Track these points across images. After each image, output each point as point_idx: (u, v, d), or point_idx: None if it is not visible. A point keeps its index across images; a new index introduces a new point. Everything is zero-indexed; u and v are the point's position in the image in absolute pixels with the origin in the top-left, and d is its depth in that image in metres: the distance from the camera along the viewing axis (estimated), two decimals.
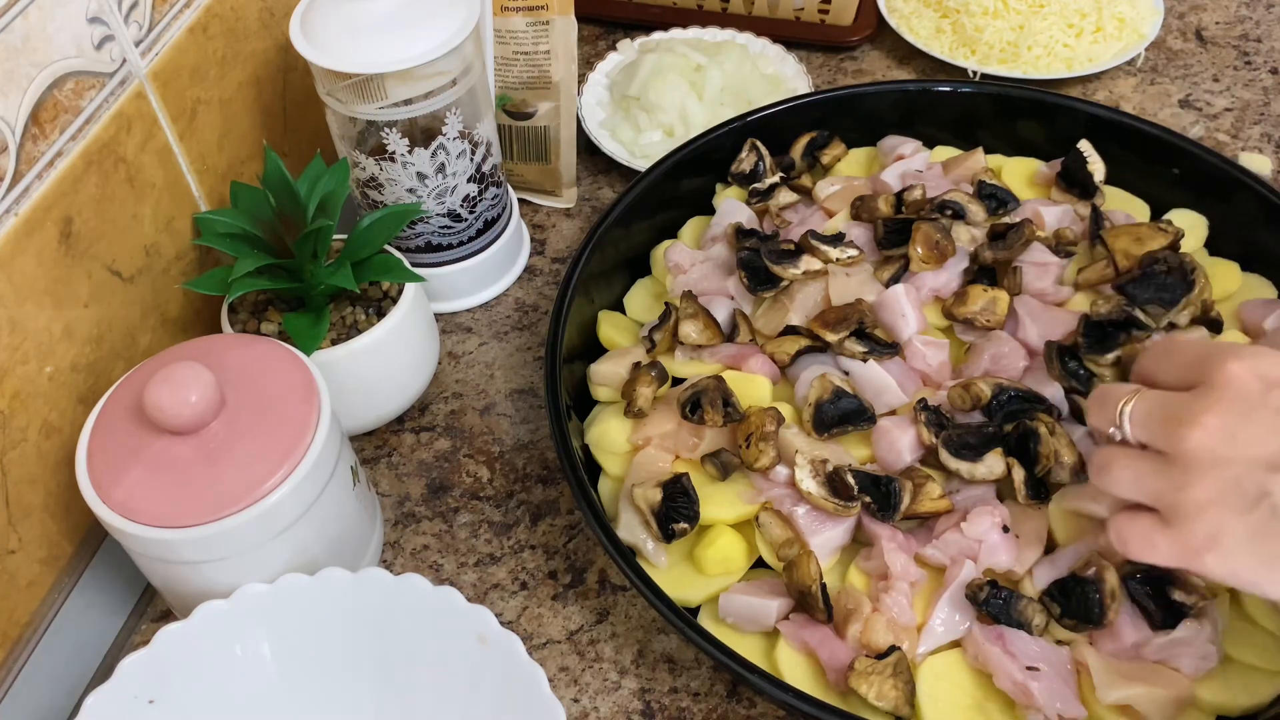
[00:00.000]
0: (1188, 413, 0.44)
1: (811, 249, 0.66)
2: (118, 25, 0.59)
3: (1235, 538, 0.43)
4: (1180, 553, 0.44)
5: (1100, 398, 0.48)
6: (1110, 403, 0.48)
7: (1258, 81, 0.90)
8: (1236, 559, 0.43)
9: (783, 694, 0.50)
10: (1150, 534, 0.45)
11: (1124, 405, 0.47)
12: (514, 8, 0.77)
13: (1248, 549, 0.43)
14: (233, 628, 0.53)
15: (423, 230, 0.73)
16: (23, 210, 0.54)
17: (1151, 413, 0.46)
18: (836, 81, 0.93)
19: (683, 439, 0.61)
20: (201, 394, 0.51)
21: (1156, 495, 0.45)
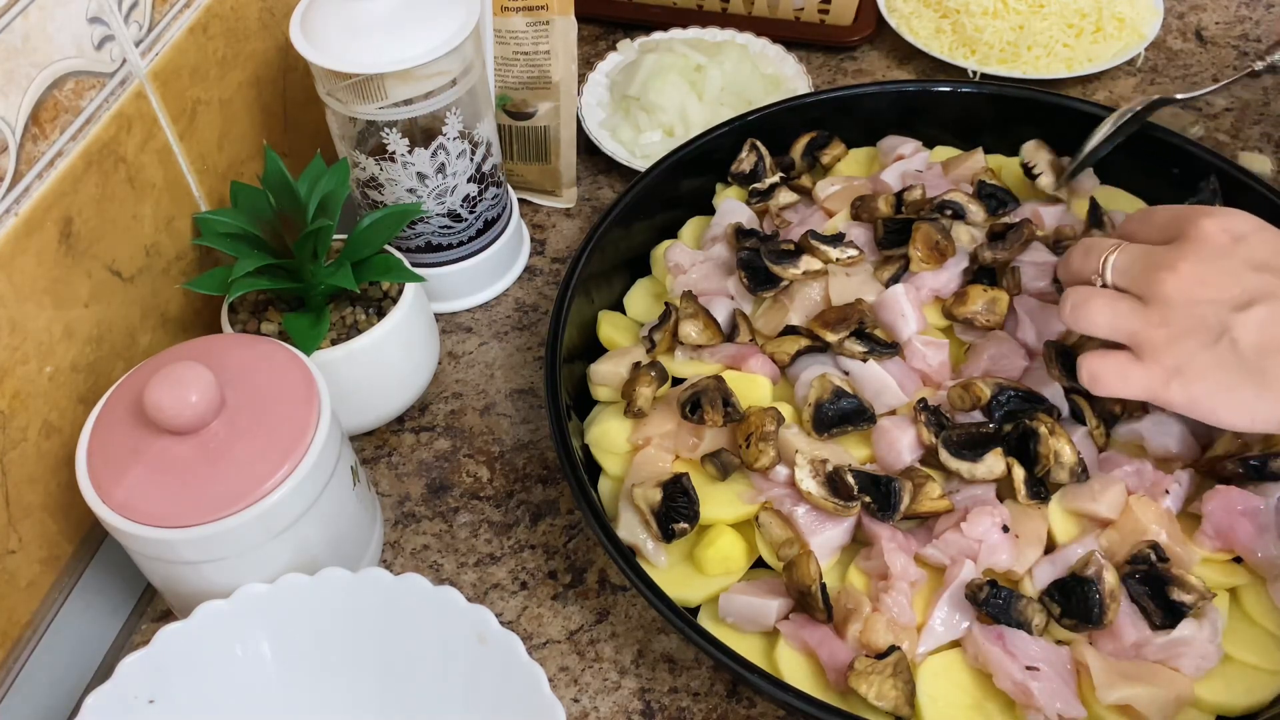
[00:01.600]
0: (1165, 260, 0.50)
1: (811, 249, 0.66)
2: (118, 25, 0.59)
3: (1198, 368, 0.48)
4: (1149, 383, 0.50)
5: (1085, 247, 0.54)
6: (1095, 252, 0.53)
7: (1258, 81, 0.90)
8: (1197, 387, 0.49)
9: (783, 694, 0.50)
10: (1123, 367, 0.51)
11: (1108, 255, 0.52)
12: (514, 8, 0.77)
13: (1208, 378, 0.48)
14: (233, 628, 0.53)
15: (423, 230, 0.73)
16: (23, 210, 0.54)
17: (1133, 261, 0.52)
18: (836, 81, 0.93)
19: (683, 439, 0.61)
20: (201, 394, 0.51)
21: (1131, 332, 0.50)
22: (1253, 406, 0.48)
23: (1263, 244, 0.50)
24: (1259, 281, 0.49)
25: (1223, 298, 0.48)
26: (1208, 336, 0.48)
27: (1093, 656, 0.52)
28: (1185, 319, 0.49)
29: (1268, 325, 0.48)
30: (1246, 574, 0.55)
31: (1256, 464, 0.55)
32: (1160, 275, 0.50)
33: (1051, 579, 0.54)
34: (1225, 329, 0.48)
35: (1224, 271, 0.49)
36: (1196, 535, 0.55)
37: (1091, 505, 0.56)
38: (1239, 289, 0.48)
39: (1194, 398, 0.49)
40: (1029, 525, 0.56)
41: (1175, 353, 0.49)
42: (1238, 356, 0.48)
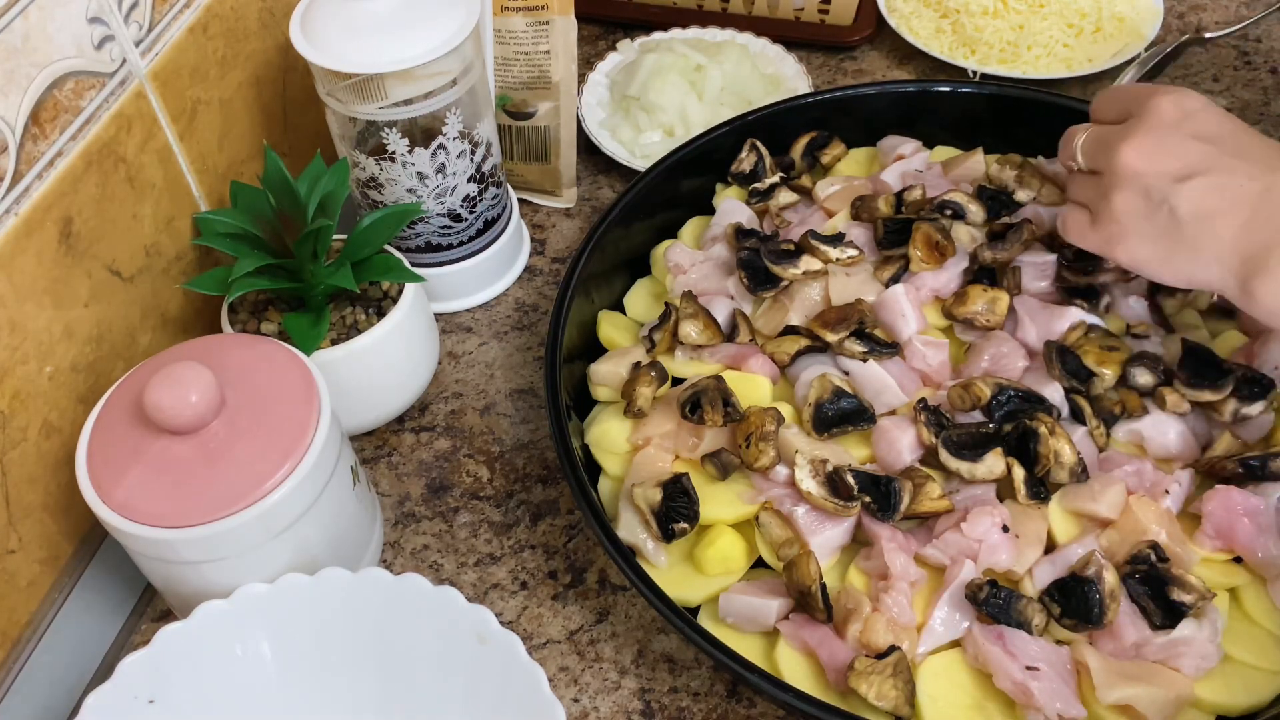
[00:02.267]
0: (1118, 137, 0.56)
1: (811, 249, 0.66)
2: (118, 25, 0.59)
3: (1140, 234, 0.54)
4: (1100, 242, 0.57)
5: (1066, 137, 0.61)
6: (1070, 139, 0.60)
7: (1258, 81, 0.90)
8: (1140, 250, 0.55)
9: (783, 694, 0.50)
10: (1082, 225, 0.58)
11: (1078, 140, 0.59)
12: (514, 8, 0.77)
13: (1150, 243, 0.54)
14: (233, 628, 0.53)
15: (423, 230, 0.73)
16: (23, 210, 0.54)
17: (1094, 142, 0.58)
18: (836, 81, 0.93)
19: (683, 439, 0.61)
20: (201, 394, 0.51)
21: (1090, 199, 0.58)
22: (1189, 270, 0.53)
23: (1208, 119, 0.55)
24: (1201, 153, 0.53)
25: (1166, 170, 0.53)
26: (1149, 205, 0.54)
27: (1093, 656, 0.52)
28: (1130, 190, 0.54)
29: (1203, 196, 0.52)
30: (1246, 574, 0.55)
31: (1256, 464, 0.55)
32: (1111, 152, 0.56)
33: (1051, 579, 0.54)
34: (1164, 198, 0.53)
35: (1170, 144, 0.54)
36: (1196, 535, 0.55)
37: (1091, 505, 0.56)
38: (1181, 162, 0.53)
39: (1137, 260, 0.55)
40: (1029, 525, 0.56)
41: (1119, 219, 0.55)
42: (1175, 223, 0.53)
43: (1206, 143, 0.54)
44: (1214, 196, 0.52)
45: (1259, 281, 0.51)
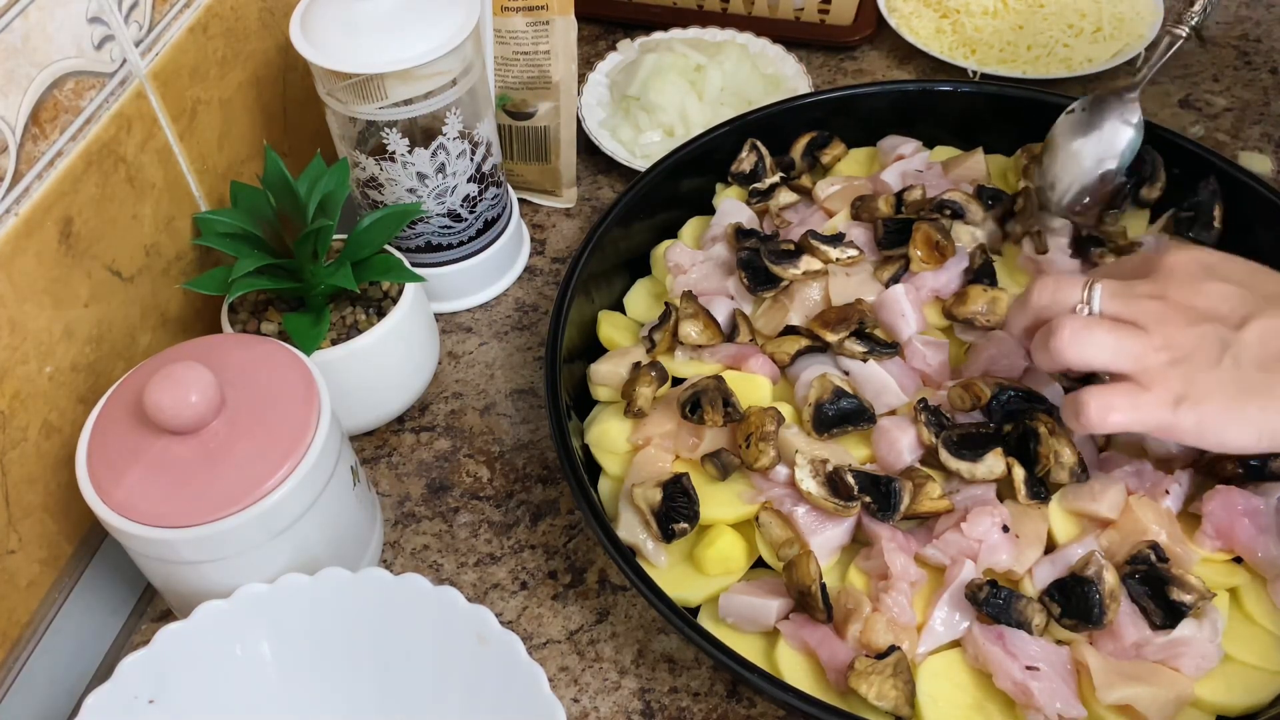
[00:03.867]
0: (1152, 289, 0.50)
1: (811, 249, 0.66)
2: (118, 25, 0.59)
3: (1204, 389, 0.48)
4: (1158, 410, 0.48)
5: (1056, 279, 0.53)
6: (1073, 282, 0.52)
7: (1258, 81, 0.90)
8: (1205, 408, 0.48)
9: (783, 694, 0.50)
10: (1133, 396, 0.49)
11: (1092, 283, 0.51)
12: (514, 8, 0.77)
13: (1215, 398, 0.48)
14: (233, 628, 0.53)
15: (423, 230, 0.73)
16: (23, 210, 0.54)
17: (1121, 289, 0.51)
18: (836, 81, 0.93)
19: (683, 439, 0.61)
20: (201, 394, 0.51)
21: (1137, 357, 0.49)
22: (1259, 421, 0.48)
23: (1232, 269, 0.51)
24: (1242, 298, 0.49)
25: (1218, 318, 0.49)
26: (1211, 357, 0.48)
27: (1093, 656, 0.52)
28: (1187, 342, 0.49)
29: (1267, 340, 0.48)
30: (1246, 574, 0.55)
31: (1256, 464, 0.55)
32: (1152, 303, 0.50)
33: (1051, 579, 0.54)
34: (1226, 347, 0.48)
35: (1211, 295, 0.50)
36: (1196, 535, 0.55)
37: (1091, 505, 0.56)
38: (1228, 308, 0.49)
39: (1202, 420, 0.48)
40: (1029, 525, 0.56)
41: (1181, 375, 0.48)
42: (1241, 373, 0.48)
43: (1242, 286, 0.50)
44: (1276, 339, 0.48)
45: None
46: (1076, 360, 0.50)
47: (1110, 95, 0.68)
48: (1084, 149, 0.67)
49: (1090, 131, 0.67)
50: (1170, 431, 0.49)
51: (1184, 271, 0.51)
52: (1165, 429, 0.49)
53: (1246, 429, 0.48)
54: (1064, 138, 0.68)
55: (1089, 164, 0.67)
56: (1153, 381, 0.49)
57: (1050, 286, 0.53)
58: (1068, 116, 0.68)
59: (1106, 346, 0.49)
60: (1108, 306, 0.51)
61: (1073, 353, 0.50)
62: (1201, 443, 0.49)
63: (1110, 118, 0.67)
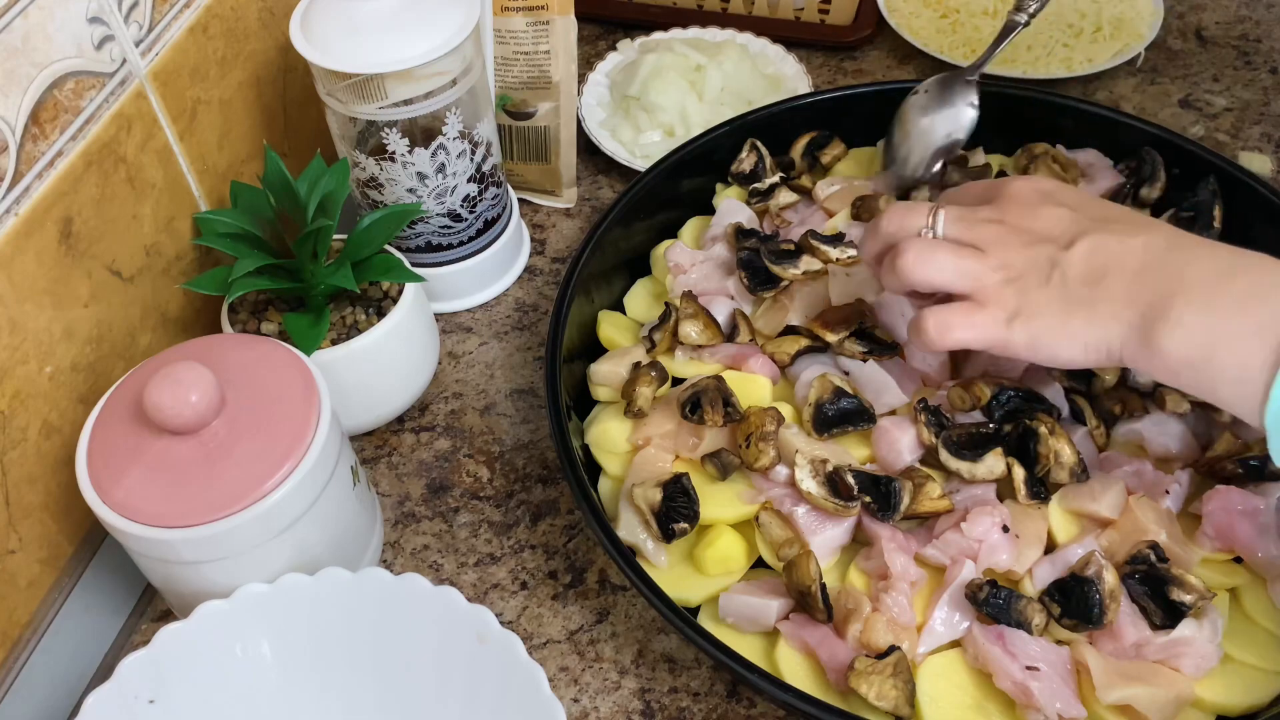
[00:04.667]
0: (991, 214, 0.54)
1: (811, 249, 0.66)
2: (118, 25, 0.59)
3: (1035, 305, 0.51)
4: (993, 326, 0.51)
5: (905, 206, 0.56)
6: (917, 211, 0.55)
7: (1258, 81, 0.90)
8: (1036, 324, 0.51)
9: (783, 694, 0.50)
10: (969, 314, 0.52)
11: (936, 209, 0.54)
12: (514, 8, 0.77)
13: (1045, 314, 0.51)
14: (233, 628, 0.53)
15: (423, 230, 0.73)
16: (23, 210, 0.54)
17: (963, 214, 0.54)
18: (836, 81, 0.93)
19: (683, 439, 0.61)
20: (202, 394, 0.51)
21: (975, 276, 0.52)
22: (1084, 334, 0.50)
23: (1068, 195, 0.54)
24: (1073, 220, 0.52)
25: (1050, 239, 0.52)
26: (1041, 276, 0.51)
27: (1093, 656, 0.52)
28: (1020, 262, 0.51)
29: (1091, 256, 0.51)
30: (1246, 574, 0.55)
31: (1256, 464, 0.55)
32: (991, 226, 0.53)
33: (1051, 579, 0.54)
34: (1055, 265, 0.51)
35: (1045, 218, 0.52)
36: (1196, 535, 0.55)
37: (1091, 505, 0.56)
38: (1060, 230, 0.52)
39: (1034, 335, 0.51)
40: (1029, 525, 0.56)
41: (1014, 293, 0.51)
42: (1068, 290, 0.50)
43: (1075, 210, 0.53)
44: (1100, 256, 0.51)
45: (1160, 330, 0.48)
46: (920, 280, 0.53)
47: (955, 78, 0.74)
48: (935, 124, 0.73)
49: (942, 109, 0.73)
50: (1005, 347, 0.52)
51: (1023, 197, 0.54)
52: (1000, 345, 0.52)
53: (1073, 343, 0.50)
54: (915, 115, 0.73)
55: (940, 136, 0.72)
56: (988, 300, 0.52)
57: (899, 214, 0.56)
58: (916, 97, 0.74)
59: (946, 267, 0.52)
60: (950, 230, 0.54)
61: (916, 273, 0.53)
62: (1034, 357, 0.51)
63: (958, 99, 0.73)
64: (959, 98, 0.73)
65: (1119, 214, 0.53)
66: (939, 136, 0.72)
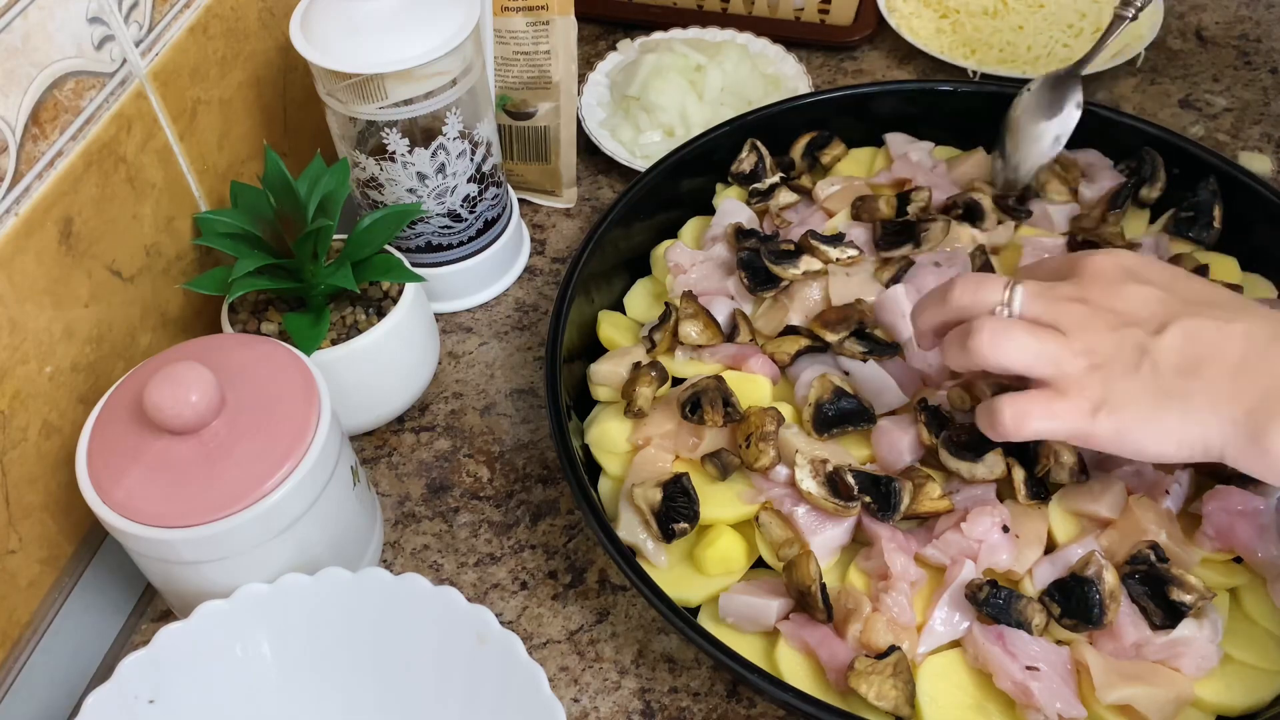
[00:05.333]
0: (1073, 292, 0.49)
1: (811, 249, 0.66)
2: (118, 25, 0.59)
3: (1123, 396, 0.47)
4: (1076, 418, 0.47)
5: (976, 279, 0.51)
6: (991, 284, 0.50)
7: (1258, 81, 0.90)
8: (1123, 415, 0.47)
9: (783, 694, 0.50)
10: (1049, 404, 0.47)
11: (1014, 284, 0.50)
12: (514, 8, 0.77)
13: (1133, 406, 0.47)
14: (233, 628, 0.53)
15: (423, 230, 0.73)
16: (23, 210, 0.54)
17: (1043, 291, 0.49)
18: (836, 81, 0.93)
19: (683, 439, 0.61)
20: (202, 394, 0.51)
21: (1056, 362, 0.47)
22: (1178, 431, 0.46)
23: (1155, 271, 0.50)
24: (1162, 301, 0.48)
25: (1137, 322, 0.47)
26: (1129, 363, 0.47)
27: (1093, 656, 0.52)
28: (1106, 347, 0.47)
29: (1186, 345, 0.47)
30: (1246, 574, 0.55)
31: None
32: (1073, 306, 0.48)
33: (1051, 579, 0.54)
34: (1145, 353, 0.47)
35: (1131, 298, 0.48)
36: (1196, 535, 0.55)
37: (1091, 505, 0.56)
38: (1148, 312, 0.48)
39: (1121, 428, 0.47)
40: (1029, 525, 0.56)
41: (1099, 382, 0.47)
42: (1159, 380, 0.47)
43: (1164, 289, 0.49)
44: (1196, 344, 0.47)
45: (1272, 431, 0.45)
46: (994, 362, 0.48)
47: (1066, 75, 0.72)
48: (1046, 130, 0.70)
49: (1053, 114, 0.70)
50: (1088, 440, 0.47)
51: (1105, 274, 0.49)
52: (1082, 437, 0.48)
53: (1165, 438, 0.47)
54: (1027, 121, 0.71)
55: (1048, 143, 0.70)
56: (1070, 388, 0.47)
57: (972, 285, 0.51)
58: (1024, 99, 0.72)
59: (1026, 349, 0.48)
60: (1028, 308, 0.49)
61: (991, 354, 0.48)
62: (1119, 451, 0.48)
63: (1067, 100, 0.70)
64: (1067, 99, 0.70)
65: (1212, 295, 0.49)
66: (1047, 143, 0.70)
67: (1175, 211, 0.70)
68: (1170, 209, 0.70)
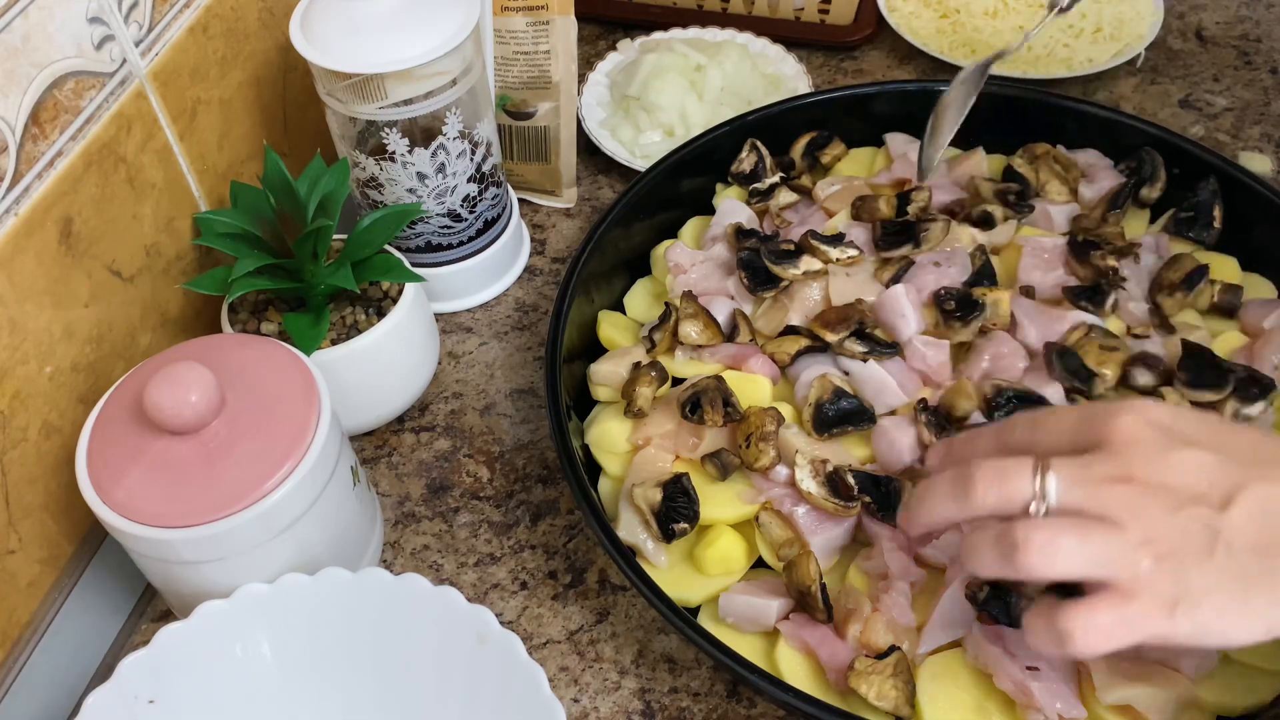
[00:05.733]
0: (1112, 471, 0.42)
1: (811, 249, 0.66)
2: (118, 25, 0.59)
3: (1200, 588, 0.41)
4: (1153, 622, 0.41)
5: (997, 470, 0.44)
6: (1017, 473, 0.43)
7: (1258, 81, 0.90)
8: (1204, 610, 0.41)
9: (783, 694, 0.50)
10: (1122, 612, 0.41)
11: (1041, 474, 0.43)
12: (514, 8, 0.77)
13: (1213, 597, 0.41)
14: (233, 628, 0.53)
15: (423, 230, 0.73)
16: (23, 210, 0.54)
17: (1079, 475, 0.42)
18: (836, 81, 0.93)
19: (683, 439, 0.61)
20: (202, 394, 0.51)
21: (1118, 562, 0.41)
22: (1267, 615, 0.41)
23: (1194, 428, 0.43)
24: (1224, 469, 0.42)
25: (1198, 498, 0.41)
26: (1201, 548, 0.41)
27: None
28: (1170, 533, 0.41)
29: (1261, 516, 0.41)
30: None
31: None
32: (1118, 489, 0.42)
33: None
34: (1216, 534, 0.41)
35: (1184, 468, 0.42)
36: None
37: None
38: (1207, 483, 0.42)
39: (1203, 624, 0.41)
40: None
41: (1169, 576, 0.41)
42: (1237, 561, 0.41)
43: (1217, 451, 0.42)
44: (1270, 515, 0.41)
45: None
46: (1046, 576, 0.42)
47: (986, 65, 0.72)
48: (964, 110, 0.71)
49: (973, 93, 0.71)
50: (1168, 640, 0.41)
51: (1142, 441, 0.42)
52: (1162, 639, 0.41)
53: (1254, 625, 0.41)
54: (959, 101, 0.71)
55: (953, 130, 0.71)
56: (1138, 588, 0.41)
57: (995, 478, 0.44)
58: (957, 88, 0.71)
59: (1080, 555, 0.41)
60: (1067, 498, 0.42)
61: (1044, 569, 0.42)
62: (1204, 645, 0.42)
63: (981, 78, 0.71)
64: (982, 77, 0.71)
65: (1266, 448, 0.43)
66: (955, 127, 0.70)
67: (1175, 211, 0.70)
68: (1170, 209, 0.70)
